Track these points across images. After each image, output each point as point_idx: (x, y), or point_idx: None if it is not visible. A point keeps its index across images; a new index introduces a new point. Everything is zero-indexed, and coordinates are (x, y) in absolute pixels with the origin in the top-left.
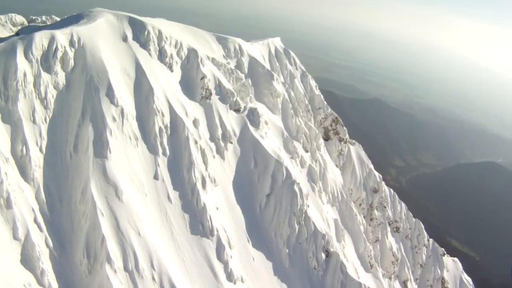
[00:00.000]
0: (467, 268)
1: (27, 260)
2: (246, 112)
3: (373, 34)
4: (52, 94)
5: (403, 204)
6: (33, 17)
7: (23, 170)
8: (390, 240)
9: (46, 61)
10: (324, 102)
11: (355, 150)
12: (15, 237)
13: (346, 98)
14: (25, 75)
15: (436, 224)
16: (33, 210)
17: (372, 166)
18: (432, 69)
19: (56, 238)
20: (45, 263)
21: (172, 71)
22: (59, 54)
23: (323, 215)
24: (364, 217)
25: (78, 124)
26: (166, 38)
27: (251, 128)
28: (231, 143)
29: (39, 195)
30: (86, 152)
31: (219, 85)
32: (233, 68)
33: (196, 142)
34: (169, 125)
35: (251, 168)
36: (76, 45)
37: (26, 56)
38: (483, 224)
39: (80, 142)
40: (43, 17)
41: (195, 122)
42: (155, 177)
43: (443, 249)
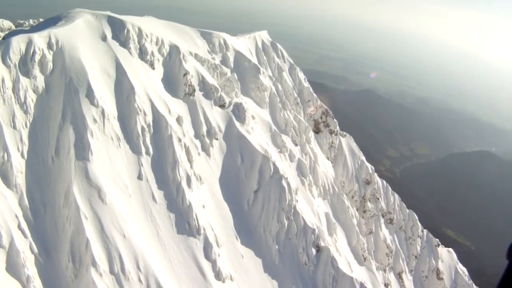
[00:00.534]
0: (462, 258)
1: (12, 267)
2: (231, 108)
3: (363, 26)
4: (32, 98)
5: (396, 195)
6: (21, 21)
7: (5, 177)
8: (384, 232)
9: (25, 65)
10: (314, 95)
11: (346, 142)
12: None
13: (339, 90)
14: (3, 81)
15: (431, 214)
16: (17, 217)
17: (364, 158)
18: (423, 60)
19: (41, 244)
20: (31, 270)
21: (154, 69)
22: (37, 58)
23: (314, 209)
24: (357, 210)
25: (59, 127)
26: (147, 36)
27: (237, 124)
28: (217, 140)
29: (22, 201)
30: (68, 155)
31: (203, 81)
32: (217, 63)
33: (180, 140)
34: (152, 124)
35: (238, 164)
36: (55, 48)
37: (4, 62)
38: (478, 213)
39: (62, 146)
40: (31, 21)
41: (179, 120)
42: (139, 177)
43: (438, 240)
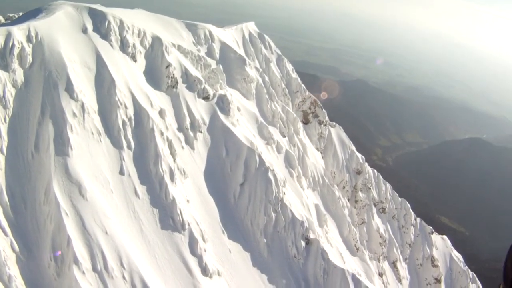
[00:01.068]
0: (457, 244)
1: None
2: (215, 100)
3: (352, 15)
4: (11, 93)
5: (388, 184)
6: (10, 15)
7: None
8: (377, 221)
9: (3, 59)
10: (302, 85)
11: (336, 132)
12: None
13: (329, 80)
14: None
15: (424, 202)
16: None
17: (354, 148)
18: (413, 49)
19: (22, 242)
20: (12, 269)
21: (136, 61)
22: (16, 51)
23: (303, 201)
24: (349, 200)
25: (38, 122)
26: (128, 28)
27: (221, 116)
28: (201, 132)
29: (2, 198)
30: (47, 151)
31: (186, 73)
32: (202, 55)
33: (162, 134)
34: (133, 117)
35: (223, 157)
36: (34, 41)
37: None
38: (471, 200)
39: (41, 141)
40: (20, 14)
41: (161, 113)
42: (121, 172)
43: (431, 228)
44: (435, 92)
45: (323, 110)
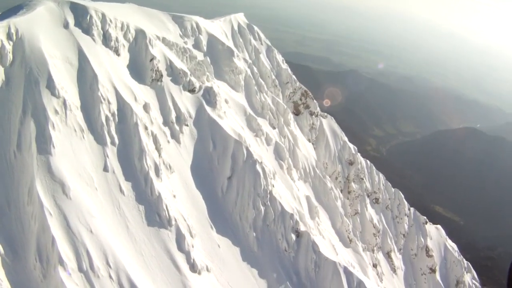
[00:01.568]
0: (452, 233)
1: None
2: (202, 92)
3: (345, 5)
4: None
5: (381, 175)
6: None
7: None
8: (370, 212)
9: None
10: (292, 76)
11: (328, 123)
12: None
13: (322, 71)
14: None
15: (419, 192)
16: None
17: (346, 138)
18: (406, 39)
19: (8, 244)
20: None
21: (119, 55)
22: None
23: (294, 193)
24: (341, 191)
25: (20, 121)
26: (111, 21)
27: (208, 109)
28: (187, 126)
29: None
30: (30, 150)
31: (171, 66)
32: (187, 47)
33: (147, 128)
34: (117, 113)
35: (210, 151)
36: (14, 38)
37: None
38: (466, 189)
39: (23, 140)
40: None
41: (146, 107)
42: (105, 169)
43: (425, 217)
44: (429, 82)
45: (314, 101)
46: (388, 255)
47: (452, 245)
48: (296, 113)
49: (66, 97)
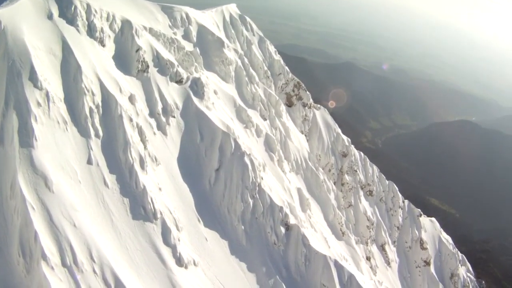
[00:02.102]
0: (448, 226)
1: None
2: (189, 83)
3: None
4: None
5: (375, 167)
6: None
7: None
8: (364, 204)
9: None
10: (285, 67)
11: (321, 115)
12: None
13: (317, 63)
14: None
15: (414, 184)
16: None
17: (340, 130)
18: (402, 31)
19: None
20: None
21: (104, 46)
22: None
23: (285, 185)
24: (335, 183)
25: (3, 114)
26: (96, 12)
27: (195, 100)
28: (174, 117)
29: None
30: (12, 143)
31: (157, 56)
32: (175, 37)
33: (132, 120)
34: (101, 104)
35: (197, 142)
36: None
37: None
38: (462, 181)
39: (6, 133)
40: None
41: (131, 98)
42: (89, 162)
43: (419, 210)
44: (425, 75)
45: (307, 92)
46: (382, 248)
47: (447, 238)
48: (289, 105)
49: (49, 89)
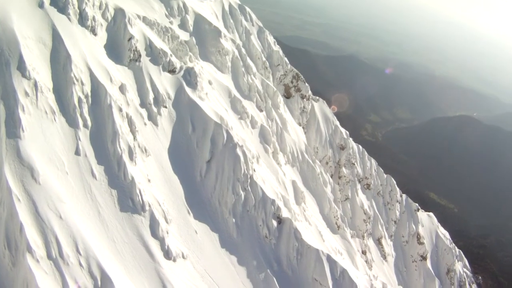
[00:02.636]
0: (446, 220)
1: None
2: (182, 73)
3: None
4: None
5: (373, 160)
6: None
7: None
8: (361, 198)
9: None
10: (284, 58)
11: (319, 107)
12: None
13: (320, 56)
14: None
15: (414, 178)
16: None
17: (338, 123)
18: (405, 25)
19: None
20: None
21: (96, 35)
22: None
23: (279, 178)
24: (332, 176)
25: None
26: (88, 0)
27: (188, 90)
28: (165, 108)
29: None
30: None
31: (150, 46)
32: (169, 26)
33: (121, 110)
34: (90, 94)
35: (189, 133)
36: None
37: None
38: (461, 176)
39: None
40: None
41: (122, 88)
42: (77, 153)
43: (417, 204)
44: (426, 69)
45: (306, 84)
46: (379, 242)
47: (444, 233)
48: (287, 96)
49: (38, 79)
